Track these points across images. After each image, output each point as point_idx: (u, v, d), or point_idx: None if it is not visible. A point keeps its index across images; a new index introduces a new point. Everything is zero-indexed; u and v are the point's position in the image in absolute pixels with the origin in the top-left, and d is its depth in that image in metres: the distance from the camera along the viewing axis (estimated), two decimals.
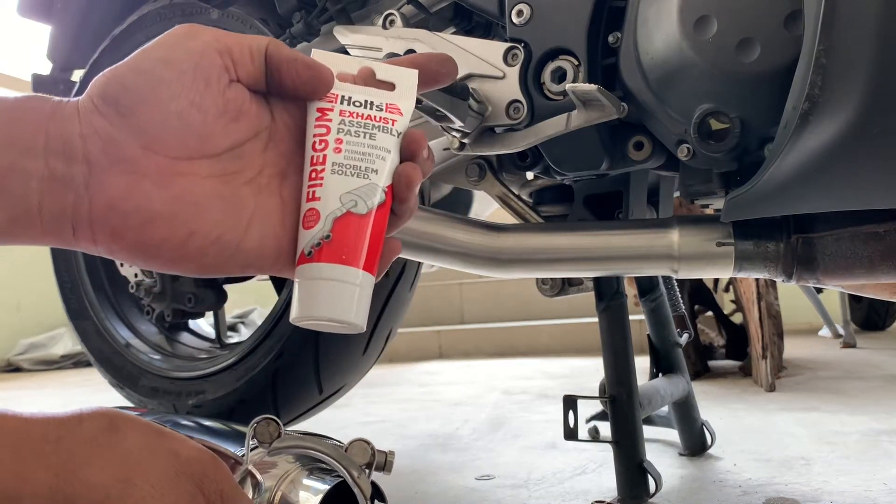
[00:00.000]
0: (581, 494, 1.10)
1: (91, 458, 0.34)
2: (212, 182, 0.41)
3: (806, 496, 1.03)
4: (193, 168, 0.40)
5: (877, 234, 0.73)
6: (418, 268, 1.37)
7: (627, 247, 0.84)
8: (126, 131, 0.39)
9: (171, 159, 0.39)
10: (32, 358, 4.07)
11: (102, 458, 0.34)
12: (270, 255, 0.42)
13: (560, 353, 3.22)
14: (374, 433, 1.64)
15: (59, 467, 0.33)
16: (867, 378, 2.03)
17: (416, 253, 0.92)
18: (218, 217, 0.41)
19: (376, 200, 0.42)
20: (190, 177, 0.40)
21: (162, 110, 0.39)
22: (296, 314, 0.41)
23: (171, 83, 0.39)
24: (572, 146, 0.83)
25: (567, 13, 0.80)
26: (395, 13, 0.92)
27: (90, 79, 1.48)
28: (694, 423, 1.29)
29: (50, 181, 0.38)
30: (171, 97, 0.39)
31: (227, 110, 0.41)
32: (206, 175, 0.41)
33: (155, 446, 0.36)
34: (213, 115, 0.40)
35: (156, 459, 0.36)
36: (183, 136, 0.39)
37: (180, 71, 0.39)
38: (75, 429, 0.35)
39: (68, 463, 0.34)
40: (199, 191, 0.40)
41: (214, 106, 0.40)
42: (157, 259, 0.40)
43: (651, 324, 1.25)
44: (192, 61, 0.40)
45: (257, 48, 0.42)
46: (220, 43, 0.41)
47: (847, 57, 0.59)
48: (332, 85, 0.43)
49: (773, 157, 0.66)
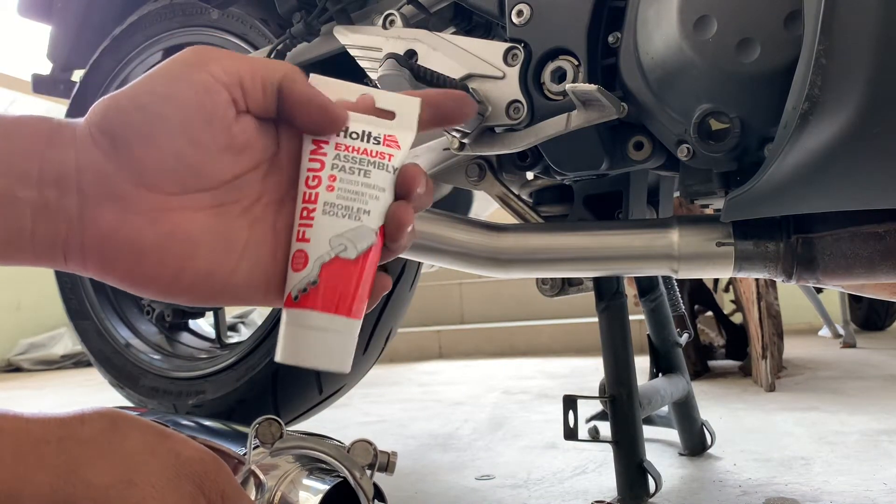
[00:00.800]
0: (581, 494, 1.10)
1: (92, 458, 0.34)
2: (206, 215, 0.40)
3: (806, 496, 1.03)
4: (188, 202, 0.39)
5: (877, 234, 0.73)
6: (418, 268, 1.37)
7: (627, 247, 0.84)
8: (120, 167, 0.38)
9: (166, 195, 0.39)
10: (33, 358, 4.07)
11: (103, 458, 0.34)
12: (260, 289, 0.42)
13: (560, 353, 3.22)
14: (374, 433, 1.65)
15: (60, 468, 0.33)
16: (867, 378, 2.03)
17: (416, 253, 0.93)
18: (209, 253, 0.40)
19: (366, 244, 0.41)
20: (184, 211, 0.39)
21: (159, 149, 0.38)
22: (280, 356, 0.41)
23: (171, 120, 0.38)
24: (572, 146, 0.83)
25: (567, 13, 0.80)
26: (395, 13, 0.92)
27: (90, 78, 1.49)
28: (694, 422, 1.29)
29: (44, 210, 0.38)
30: (169, 136, 0.38)
31: (231, 146, 0.40)
32: (201, 208, 0.40)
33: (156, 447, 0.36)
34: (214, 152, 0.39)
35: (157, 460, 0.36)
36: (180, 175, 0.39)
37: (182, 107, 0.38)
38: (76, 429, 0.35)
39: (69, 463, 0.34)
40: (191, 226, 0.39)
41: (216, 143, 0.39)
42: (147, 290, 0.40)
43: (651, 324, 1.25)
44: (196, 97, 0.38)
45: (271, 82, 0.40)
46: (229, 75, 0.39)
47: (847, 57, 0.59)
48: (343, 126, 0.42)
49: (772, 157, 0.66)
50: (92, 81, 1.49)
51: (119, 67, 1.45)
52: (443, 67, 0.84)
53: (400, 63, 0.77)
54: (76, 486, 0.33)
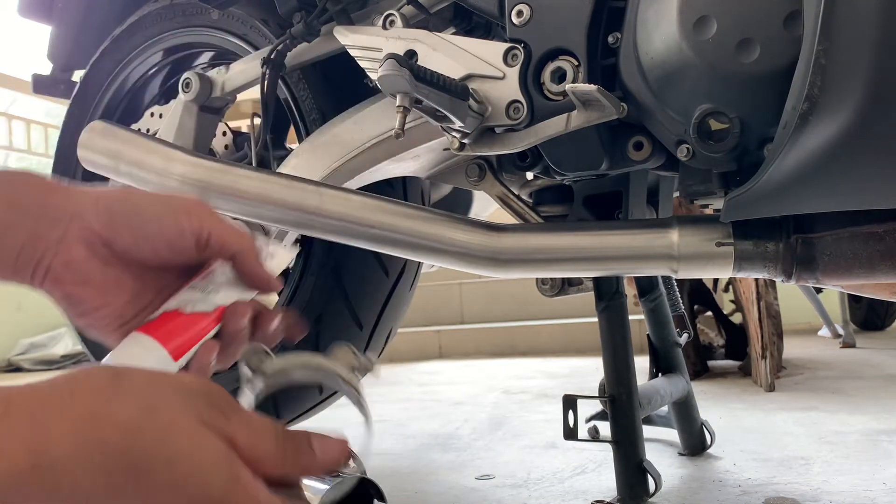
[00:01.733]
0: (581, 494, 1.10)
1: (108, 400, 0.35)
2: (132, 280, 0.52)
3: (805, 496, 1.03)
4: (131, 269, 0.51)
5: (877, 234, 0.73)
6: (418, 268, 1.37)
7: (627, 247, 0.84)
8: (106, 237, 0.49)
9: (125, 262, 0.51)
10: (33, 358, 4.07)
11: (119, 397, 0.35)
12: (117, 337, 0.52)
13: (560, 353, 3.22)
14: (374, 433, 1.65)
15: (81, 415, 0.34)
16: (866, 378, 2.03)
17: (417, 253, 0.93)
18: (125, 306, 0.51)
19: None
20: (128, 269, 0.51)
21: (137, 246, 0.50)
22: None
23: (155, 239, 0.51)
24: (572, 146, 0.83)
25: (567, 14, 0.80)
26: (395, 14, 0.92)
27: (91, 79, 1.49)
28: (693, 422, 1.29)
29: (34, 238, 0.47)
30: (151, 246, 0.51)
31: (177, 257, 0.52)
32: (135, 275, 0.52)
33: (159, 379, 0.38)
34: (164, 258, 0.52)
35: (166, 387, 0.37)
36: (142, 259, 0.51)
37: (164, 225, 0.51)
38: (83, 382, 0.35)
39: (88, 408, 0.34)
40: (126, 283, 0.51)
41: (170, 257, 0.52)
42: (71, 314, 0.51)
43: (651, 324, 1.26)
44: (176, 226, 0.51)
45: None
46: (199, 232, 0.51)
47: (846, 57, 0.59)
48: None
49: (772, 157, 0.66)
50: (92, 82, 1.49)
51: (119, 67, 1.45)
52: (443, 68, 0.84)
53: (400, 63, 0.77)
54: (103, 427, 0.33)
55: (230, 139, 1.36)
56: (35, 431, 0.32)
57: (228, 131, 1.36)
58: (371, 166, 1.05)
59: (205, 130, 1.24)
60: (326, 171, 1.07)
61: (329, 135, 1.08)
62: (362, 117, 1.05)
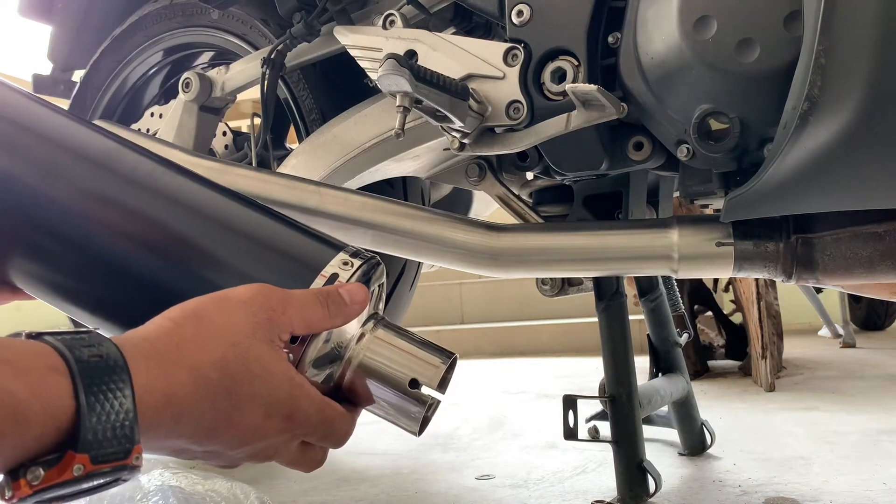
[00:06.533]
0: (581, 494, 1.10)
1: (203, 346, 0.43)
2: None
3: (805, 496, 1.03)
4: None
5: (877, 234, 0.73)
6: (418, 268, 1.37)
7: (627, 247, 0.84)
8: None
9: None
10: None
11: (209, 343, 0.43)
12: None
13: (560, 353, 3.22)
14: (373, 432, 1.65)
15: (188, 365, 0.42)
16: (866, 378, 2.03)
17: (417, 253, 0.93)
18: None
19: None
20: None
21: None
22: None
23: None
24: (572, 146, 0.83)
25: (567, 14, 0.80)
26: (395, 13, 0.92)
27: (91, 79, 1.49)
28: (693, 422, 1.29)
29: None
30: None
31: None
32: None
33: (232, 316, 0.45)
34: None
35: (239, 320, 0.45)
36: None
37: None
38: (177, 334, 0.43)
39: (193, 360, 0.42)
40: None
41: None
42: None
43: (651, 324, 1.26)
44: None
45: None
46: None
47: (846, 57, 0.59)
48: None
49: (772, 157, 0.66)
50: (92, 82, 1.49)
51: (119, 67, 1.45)
52: (443, 68, 0.84)
53: (400, 63, 0.77)
54: (204, 369, 0.42)
55: (230, 139, 1.37)
56: (167, 382, 0.41)
57: (228, 131, 1.36)
58: (371, 166, 1.05)
59: (205, 130, 1.24)
60: (326, 170, 1.07)
61: (329, 135, 1.08)
62: (362, 117, 1.05)
